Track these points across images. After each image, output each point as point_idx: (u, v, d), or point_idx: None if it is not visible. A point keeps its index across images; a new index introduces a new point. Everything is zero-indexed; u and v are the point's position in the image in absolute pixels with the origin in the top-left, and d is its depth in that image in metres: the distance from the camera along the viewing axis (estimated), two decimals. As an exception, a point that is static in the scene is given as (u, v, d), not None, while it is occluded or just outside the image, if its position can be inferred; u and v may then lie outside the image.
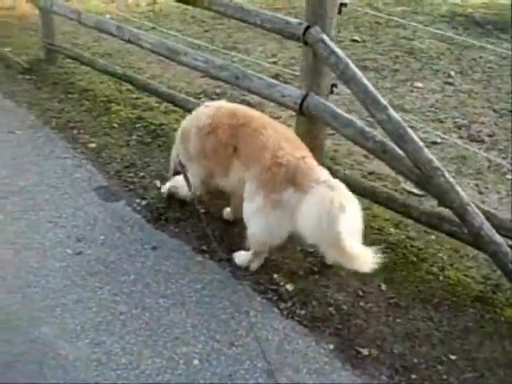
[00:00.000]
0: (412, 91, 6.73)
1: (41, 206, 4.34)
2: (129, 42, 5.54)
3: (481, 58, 7.80)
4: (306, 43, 3.89)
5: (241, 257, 3.78)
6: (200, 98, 6.17)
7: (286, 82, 5.70)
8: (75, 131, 5.47)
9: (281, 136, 3.54)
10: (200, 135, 3.84)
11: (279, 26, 4.02)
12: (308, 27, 3.83)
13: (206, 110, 3.93)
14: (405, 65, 7.51)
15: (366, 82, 3.67)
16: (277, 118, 5.64)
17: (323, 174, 3.38)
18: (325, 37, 3.77)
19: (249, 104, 5.97)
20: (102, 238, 4.01)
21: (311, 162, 3.46)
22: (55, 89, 6.38)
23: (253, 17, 4.14)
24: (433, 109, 6.31)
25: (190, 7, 8.12)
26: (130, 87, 6.26)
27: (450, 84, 6.98)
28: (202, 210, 4.16)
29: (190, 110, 4.33)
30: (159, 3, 9.40)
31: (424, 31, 8.50)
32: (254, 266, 3.76)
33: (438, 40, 8.36)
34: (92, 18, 6.01)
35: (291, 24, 3.92)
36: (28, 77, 6.68)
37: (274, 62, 7.33)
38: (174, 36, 7.03)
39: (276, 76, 6.51)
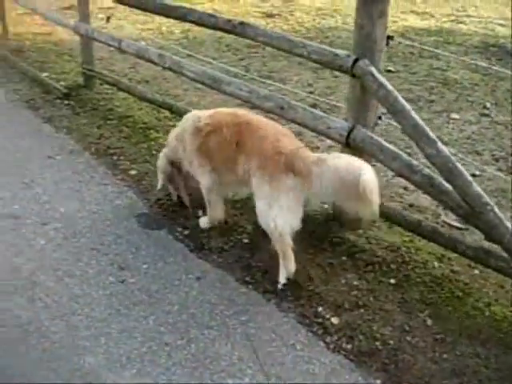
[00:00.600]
0: (448, 122, 6.68)
1: (82, 232, 4.35)
2: (170, 69, 5.59)
3: (516, 89, 7.74)
4: (353, 75, 3.89)
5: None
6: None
7: (324, 112, 5.69)
8: (115, 157, 5.49)
9: (279, 131, 3.85)
10: (199, 135, 4.10)
11: (327, 58, 4.02)
12: (357, 60, 3.82)
13: (201, 113, 4.24)
14: (440, 95, 7.47)
15: (415, 115, 3.65)
16: (316, 148, 5.66)
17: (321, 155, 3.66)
18: (374, 69, 3.76)
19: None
20: (145, 266, 3.99)
21: (308, 152, 3.74)
22: (94, 114, 6.44)
23: (299, 48, 4.14)
24: (470, 140, 6.26)
25: (224, 35, 8.18)
26: (168, 114, 6.29)
27: (486, 115, 6.92)
28: (246, 240, 4.14)
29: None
30: (193, 31, 9.46)
31: (457, 62, 8.47)
32: (292, 268, 3.85)
33: (472, 71, 8.32)
34: (132, 45, 6.07)
35: (339, 56, 3.92)
36: (66, 102, 6.75)
37: (311, 92, 7.34)
38: (209, 63, 7.08)
39: (313, 106, 6.50)
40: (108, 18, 7.11)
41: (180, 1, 10.97)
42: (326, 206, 4.70)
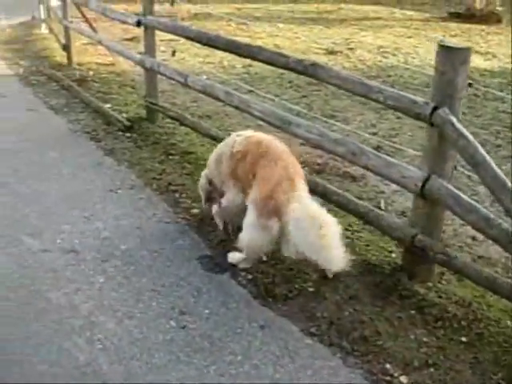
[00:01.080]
0: (516, 169, 6.44)
1: (143, 271, 4.26)
2: (237, 108, 5.53)
3: None
4: (431, 124, 3.73)
5: (234, 256, 4.33)
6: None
7: (387, 155, 5.53)
8: (177, 195, 5.43)
9: (285, 174, 4.07)
10: (233, 160, 4.40)
11: (404, 105, 3.88)
12: (436, 107, 3.67)
13: (238, 139, 4.47)
14: (507, 140, 7.23)
15: (495, 167, 3.47)
16: (381, 193, 5.50)
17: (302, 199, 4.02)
18: (453, 118, 3.61)
19: (352, 176, 5.86)
20: (206, 311, 3.87)
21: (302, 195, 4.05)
22: (156, 149, 6.42)
23: (375, 93, 4.02)
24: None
25: (285, 71, 8.13)
26: (230, 151, 6.22)
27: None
28: (311, 289, 4.00)
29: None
30: (254, 66, 9.45)
31: (525, 105, 8.22)
32: (243, 265, 4.29)
33: (541, 115, 8.06)
34: (198, 81, 6.05)
35: (417, 103, 3.78)
36: (129, 135, 6.76)
37: (374, 133, 7.20)
38: (271, 100, 7.04)
39: (377, 148, 6.36)
40: (174, 53, 7.12)
41: (243, 36, 11.34)
42: (393, 255, 4.52)
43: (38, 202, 5.21)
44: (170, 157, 6.24)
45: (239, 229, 4.29)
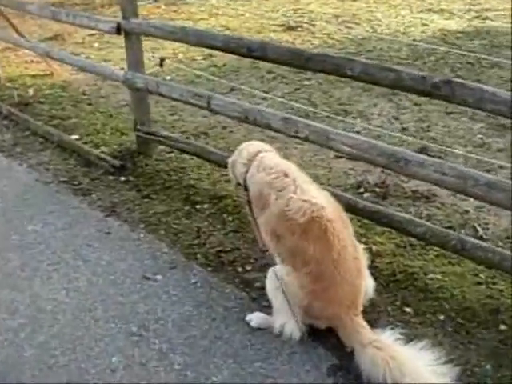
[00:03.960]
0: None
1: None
2: (255, 124, 4.07)
3: None
4: None
5: None
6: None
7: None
8: (239, 268, 3.76)
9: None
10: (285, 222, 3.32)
11: None
12: None
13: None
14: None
15: None
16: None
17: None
18: None
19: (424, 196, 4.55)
20: None
21: None
22: (171, 196, 4.59)
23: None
24: None
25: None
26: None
27: None
28: None
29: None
30: (216, 56, 7.60)
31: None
32: None
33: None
34: (231, 104, 4.22)
35: None
36: (124, 179, 4.86)
37: (404, 129, 5.72)
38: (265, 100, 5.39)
39: (422, 150, 4.93)
40: (162, 62, 5.16)
41: (182, 18, 9.41)
42: None
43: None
44: (197, 206, 4.45)
45: None
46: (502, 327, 3.29)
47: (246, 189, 3.52)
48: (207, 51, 7.71)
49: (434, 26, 9.08)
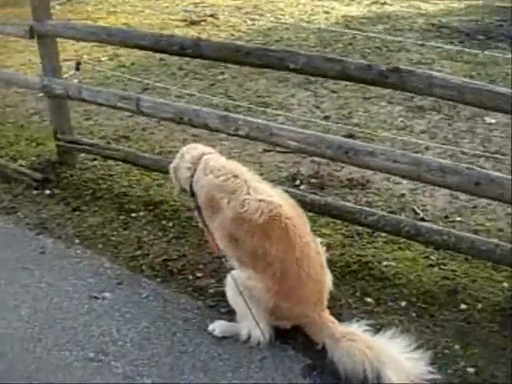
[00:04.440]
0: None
1: None
2: (190, 124, 3.86)
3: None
4: None
5: None
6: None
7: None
8: (190, 276, 3.59)
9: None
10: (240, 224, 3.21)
11: None
12: None
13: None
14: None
15: None
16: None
17: None
18: None
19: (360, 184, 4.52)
20: None
21: None
22: (104, 207, 4.31)
23: None
24: None
25: (165, 56, 6.31)
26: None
27: None
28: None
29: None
30: (122, 55, 7.29)
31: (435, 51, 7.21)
32: None
33: (454, 59, 7.10)
34: (163, 105, 4.00)
35: None
36: (49, 192, 4.51)
37: (326, 117, 5.71)
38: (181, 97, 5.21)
39: (350, 137, 4.95)
40: (79, 65, 4.81)
41: (80, 18, 8.87)
42: None
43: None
44: (133, 214, 4.21)
45: None
46: (463, 306, 3.32)
47: (193, 194, 3.33)
48: (112, 51, 7.40)
49: (336, 12, 9.19)
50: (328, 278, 3.21)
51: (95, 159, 4.87)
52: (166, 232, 4.00)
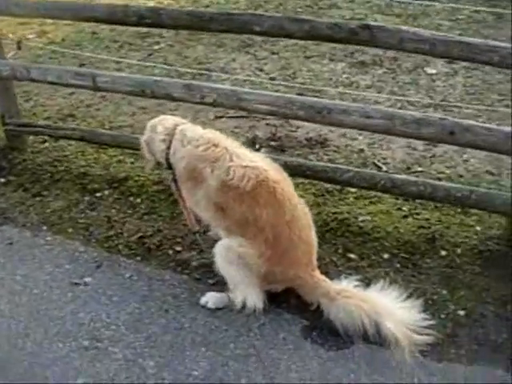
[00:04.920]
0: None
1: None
2: (153, 96, 3.71)
3: None
4: None
5: None
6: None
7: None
8: (170, 251, 3.50)
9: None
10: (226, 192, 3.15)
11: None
12: None
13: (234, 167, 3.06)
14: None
15: None
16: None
17: None
18: None
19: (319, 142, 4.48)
20: None
21: None
22: (66, 189, 4.11)
23: None
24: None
25: (96, 28, 6.07)
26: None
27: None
28: None
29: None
30: (50, 32, 6.92)
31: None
32: None
33: None
34: (120, 78, 3.81)
35: None
36: (3, 180, 4.24)
37: (272, 79, 5.64)
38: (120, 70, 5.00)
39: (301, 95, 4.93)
40: (19, 44, 4.48)
41: None
42: None
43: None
44: (98, 194, 4.04)
45: None
46: (443, 253, 3.40)
47: (170, 167, 3.21)
48: (38, 28, 7.01)
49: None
50: (315, 238, 3.19)
51: (45, 141, 4.62)
52: (136, 209, 3.87)
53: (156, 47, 6.50)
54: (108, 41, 6.66)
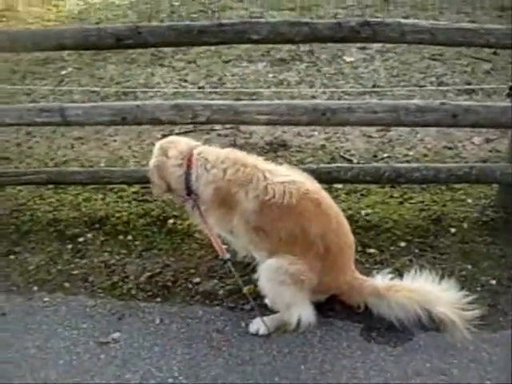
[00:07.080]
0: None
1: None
2: (135, 123, 3.39)
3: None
4: None
5: None
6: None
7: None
8: (188, 284, 3.18)
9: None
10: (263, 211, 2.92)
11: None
12: None
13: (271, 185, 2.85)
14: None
15: None
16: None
17: None
18: None
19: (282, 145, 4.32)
20: None
21: None
22: (38, 241, 3.61)
23: None
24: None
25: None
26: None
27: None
28: None
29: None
30: None
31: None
32: None
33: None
34: (92, 108, 3.36)
35: None
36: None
37: (200, 88, 5.39)
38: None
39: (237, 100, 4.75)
40: None
41: None
42: None
43: None
44: (80, 239, 3.59)
45: None
46: (452, 230, 3.41)
47: (190, 193, 2.90)
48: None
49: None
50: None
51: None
52: (131, 247, 3.48)
53: (63, 72, 5.94)
54: (7, 72, 5.97)
